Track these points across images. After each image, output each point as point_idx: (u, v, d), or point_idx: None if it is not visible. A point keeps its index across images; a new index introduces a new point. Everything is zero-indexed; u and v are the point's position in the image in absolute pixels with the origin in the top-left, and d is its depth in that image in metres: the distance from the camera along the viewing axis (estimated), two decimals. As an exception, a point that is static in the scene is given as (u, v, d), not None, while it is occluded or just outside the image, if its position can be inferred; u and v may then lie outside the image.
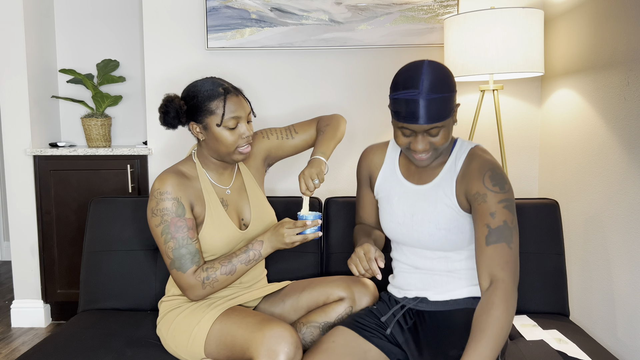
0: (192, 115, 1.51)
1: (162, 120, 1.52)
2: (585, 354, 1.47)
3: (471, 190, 1.32)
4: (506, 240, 1.25)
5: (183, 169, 1.56)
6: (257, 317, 1.41)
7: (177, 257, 1.46)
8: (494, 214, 1.27)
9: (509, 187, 1.31)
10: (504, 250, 1.24)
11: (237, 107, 1.49)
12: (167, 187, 1.47)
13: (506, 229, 1.26)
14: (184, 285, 1.47)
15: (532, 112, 2.56)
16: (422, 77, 1.26)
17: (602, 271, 1.97)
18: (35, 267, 2.73)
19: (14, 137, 2.69)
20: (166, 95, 1.52)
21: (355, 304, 1.55)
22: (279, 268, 1.82)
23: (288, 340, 1.32)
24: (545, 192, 2.48)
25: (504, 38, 2.05)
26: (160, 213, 1.47)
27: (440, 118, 1.26)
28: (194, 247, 1.47)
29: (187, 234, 1.46)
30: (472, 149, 1.38)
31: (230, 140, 1.49)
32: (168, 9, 2.60)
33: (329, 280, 1.60)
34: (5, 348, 2.50)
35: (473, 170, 1.33)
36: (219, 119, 1.48)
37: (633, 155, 1.78)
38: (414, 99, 1.25)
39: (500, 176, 1.31)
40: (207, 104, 1.48)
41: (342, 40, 2.53)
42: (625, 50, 1.81)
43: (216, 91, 1.49)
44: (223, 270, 1.47)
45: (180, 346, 1.47)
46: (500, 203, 1.28)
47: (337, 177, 2.65)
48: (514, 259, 1.25)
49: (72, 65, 2.95)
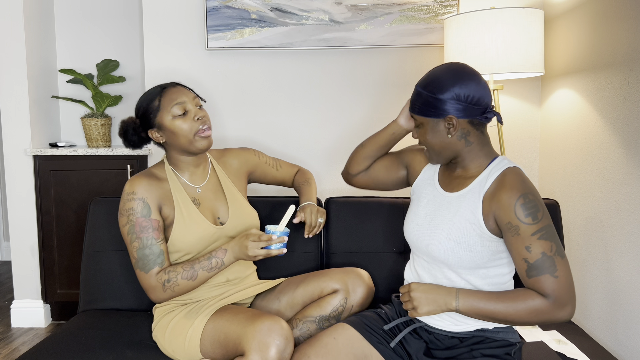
0: (145, 124, 1.56)
1: (125, 142, 1.59)
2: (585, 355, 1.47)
3: (503, 220, 1.27)
4: (549, 271, 1.22)
5: (154, 171, 1.59)
6: (248, 313, 1.42)
7: (140, 257, 1.47)
8: (530, 247, 1.24)
9: (542, 214, 1.25)
10: (548, 281, 1.23)
11: (177, 95, 1.54)
12: (134, 187, 1.51)
13: (546, 261, 1.23)
14: (145, 286, 1.49)
15: (532, 112, 2.56)
16: (429, 72, 1.37)
17: (602, 271, 1.97)
18: (35, 267, 2.74)
19: (14, 137, 2.69)
20: (121, 121, 1.60)
21: (349, 295, 1.54)
22: (278, 267, 1.82)
23: (278, 332, 1.32)
24: (545, 192, 2.48)
25: (504, 38, 2.05)
26: (127, 213, 1.49)
27: (421, 112, 1.34)
28: (158, 248, 1.48)
29: (151, 235, 1.48)
30: (508, 168, 1.33)
31: (185, 127, 1.52)
32: (168, 9, 2.60)
33: (322, 274, 1.60)
34: (5, 348, 2.50)
35: (503, 194, 1.27)
36: (164, 111, 1.52)
37: (633, 155, 1.78)
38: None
39: (532, 204, 1.25)
40: (150, 105, 1.54)
41: (342, 40, 2.53)
42: (625, 50, 1.81)
43: (154, 91, 1.56)
44: (184, 275, 1.48)
45: (177, 349, 1.47)
46: (534, 235, 1.23)
47: (338, 177, 2.65)
48: (559, 286, 1.22)
49: (72, 65, 2.95)
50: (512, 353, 1.35)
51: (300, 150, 2.64)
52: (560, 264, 1.23)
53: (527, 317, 1.24)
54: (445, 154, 1.36)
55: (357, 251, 1.83)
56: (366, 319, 1.44)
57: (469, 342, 1.35)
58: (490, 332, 1.35)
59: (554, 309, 1.22)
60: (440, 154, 1.36)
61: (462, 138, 1.33)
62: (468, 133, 1.33)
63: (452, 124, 1.31)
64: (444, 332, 1.38)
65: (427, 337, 1.40)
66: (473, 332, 1.36)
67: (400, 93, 2.60)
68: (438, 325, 1.38)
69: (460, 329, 1.36)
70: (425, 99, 1.32)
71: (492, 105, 1.34)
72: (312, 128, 2.63)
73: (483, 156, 1.36)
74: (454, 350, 1.36)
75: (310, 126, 2.63)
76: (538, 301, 1.23)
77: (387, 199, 1.88)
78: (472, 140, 1.34)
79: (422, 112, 1.33)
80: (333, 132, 2.63)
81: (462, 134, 1.32)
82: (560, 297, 1.22)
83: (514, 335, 1.38)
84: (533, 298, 1.23)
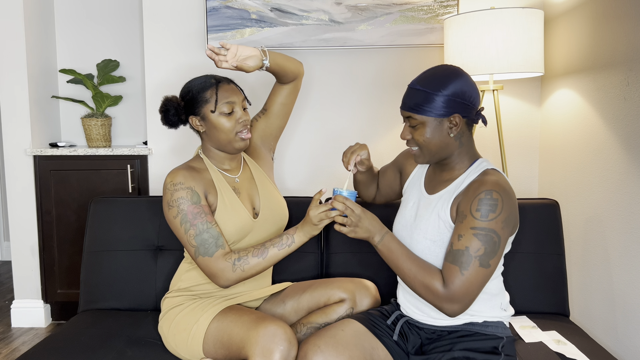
0: (190, 109, 1.57)
1: (164, 120, 1.59)
2: (585, 355, 1.47)
3: (460, 207, 1.31)
4: (460, 265, 1.25)
5: (192, 164, 1.60)
6: (253, 316, 1.42)
7: (200, 243, 1.46)
8: (461, 236, 1.26)
9: (496, 217, 1.25)
10: (454, 273, 1.26)
11: (230, 94, 1.55)
12: (179, 178, 1.51)
13: (464, 256, 1.25)
14: (213, 271, 1.45)
15: (532, 112, 2.56)
16: (424, 72, 1.36)
17: (602, 271, 1.97)
18: (35, 267, 2.74)
19: (14, 137, 2.69)
20: (164, 97, 1.59)
21: (356, 305, 1.55)
22: (280, 268, 1.82)
23: (282, 337, 1.32)
24: (545, 192, 2.48)
25: (504, 38, 2.05)
26: (176, 203, 1.48)
27: (416, 110, 1.32)
28: (215, 231, 1.48)
29: (206, 219, 1.48)
30: (487, 169, 1.35)
31: (228, 126, 1.54)
32: (168, 9, 2.60)
33: (330, 282, 1.60)
34: (5, 348, 2.50)
35: (472, 188, 1.30)
36: (213, 106, 1.53)
37: (633, 155, 1.78)
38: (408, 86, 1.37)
39: (490, 202, 1.25)
40: (201, 94, 1.55)
41: (342, 41, 2.53)
42: (625, 50, 1.81)
43: (208, 82, 1.57)
44: (255, 252, 1.46)
45: (180, 344, 1.47)
46: (472, 229, 1.25)
47: (338, 177, 2.65)
48: (459, 284, 1.25)
49: (72, 65, 2.95)
50: (499, 347, 1.35)
51: (299, 150, 2.64)
52: (474, 268, 1.24)
53: (419, 289, 1.30)
54: (439, 154, 1.36)
55: (358, 251, 1.83)
56: (370, 315, 1.48)
57: (456, 335, 1.38)
58: (479, 326, 1.37)
59: (443, 299, 1.27)
60: (436, 154, 1.36)
61: (458, 139, 1.34)
62: (463, 134, 1.35)
63: (456, 123, 1.32)
64: (433, 327, 1.41)
65: (419, 333, 1.44)
66: (462, 325, 1.38)
67: (400, 93, 2.60)
68: (427, 321, 1.41)
69: (448, 323, 1.39)
70: (426, 96, 1.31)
71: (481, 107, 1.37)
72: (311, 128, 2.63)
73: (468, 159, 1.38)
74: (442, 342, 1.38)
75: (310, 126, 2.63)
76: (436, 284, 1.27)
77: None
78: (464, 142, 1.36)
79: (424, 111, 1.31)
80: (333, 132, 2.63)
81: (459, 134, 1.34)
82: (454, 294, 1.25)
83: (504, 331, 1.39)
84: (434, 278, 1.28)
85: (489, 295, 1.38)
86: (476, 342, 1.35)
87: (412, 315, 1.45)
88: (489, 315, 1.38)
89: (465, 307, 1.28)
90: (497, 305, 1.40)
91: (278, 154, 2.65)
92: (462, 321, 1.38)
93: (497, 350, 1.34)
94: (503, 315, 1.41)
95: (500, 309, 1.40)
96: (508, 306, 1.44)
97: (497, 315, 1.39)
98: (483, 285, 1.27)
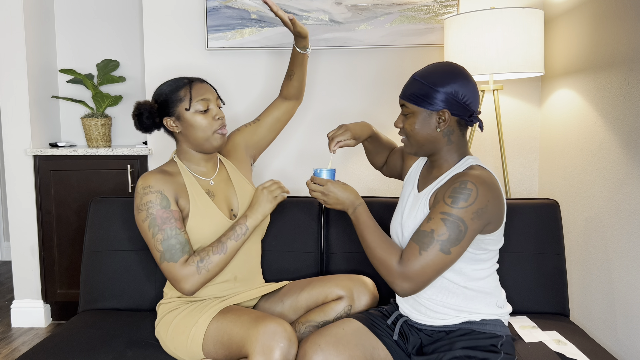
0: (163, 110, 1.56)
1: (138, 124, 1.57)
2: (585, 355, 1.47)
3: (437, 196, 1.34)
4: (420, 245, 1.28)
5: (165, 168, 1.59)
6: (252, 315, 1.42)
7: (166, 249, 1.45)
8: (430, 219, 1.29)
9: (466, 205, 1.26)
10: (412, 251, 1.29)
11: (204, 91, 1.55)
12: (149, 181, 1.50)
13: (427, 237, 1.28)
14: (177, 277, 1.45)
15: (532, 112, 2.56)
16: (430, 65, 1.40)
17: (602, 271, 1.97)
18: (35, 267, 2.74)
19: (14, 137, 2.69)
20: (136, 102, 1.58)
21: (354, 302, 1.55)
22: (279, 268, 1.82)
23: (282, 335, 1.32)
24: (545, 192, 2.48)
25: (504, 38, 2.05)
26: (145, 207, 1.48)
27: (411, 99, 1.37)
28: (183, 238, 1.47)
29: (175, 225, 1.47)
30: (473, 165, 1.37)
31: (205, 124, 1.54)
32: (168, 9, 2.60)
33: (327, 279, 1.60)
34: (5, 348, 2.50)
35: (452, 179, 1.33)
36: (187, 104, 1.53)
37: (633, 155, 1.78)
38: None
39: (464, 191, 1.27)
40: (174, 94, 1.54)
41: (342, 40, 2.53)
42: (625, 50, 1.81)
43: (181, 82, 1.57)
44: (214, 250, 1.47)
45: (180, 347, 1.47)
46: (441, 214, 1.28)
47: (338, 178, 2.65)
48: (415, 262, 1.28)
49: (72, 65, 2.95)
50: (498, 345, 1.35)
51: (299, 150, 2.64)
52: (433, 251, 1.27)
53: (376, 262, 1.35)
54: (426, 147, 1.39)
55: (357, 251, 1.83)
56: (371, 315, 1.48)
57: (455, 335, 1.38)
58: (477, 324, 1.38)
59: (396, 275, 1.30)
60: (423, 146, 1.39)
61: (446, 135, 1.37)
62: (452, 132, 1.37)
63: (444, 119, 1.34)
64: (431, 327, 1.41)
65: (418, 334, 1.44)
66: (460, 324, 1.38)
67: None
68: (425, 322, 1.42)
69: (446, 322, 1.39)
70: (422, 88, 1.35)
71: (479, 111, 1.39)
72: (311, 128, 2.63)
73: (457, 157, 1.40)
74: (441, 342, 1.39)
75: (310, 126, 2.63)
76: (392, 259, 1.32)
77: (388, 199, 1.88)
78: (454, 140, 1.38)
79: (417, 102, 1.36)
80: (333, 132, 2.63)
81: (448, 131, 1.37)
82: (407, 271, 1.29)
83: (502, 329, 1.39)
84: (392, 254, 1.33)
85: (482, 294, 1.39)
86: (475, 341, 1.35)
87: (410, 315, 1.45)
88: (486, 313, 1.39)
89: (417, 289, 1.30)
90: (492, 302, 1.40)
91: (277, 154, 2.65)
92: (460, 320, 1.38)
93: (495, 349, 1.34)
94: (500, 313, 1.41)
95: (497, 307, 1.41)
96: (505, 303, 1.44)
97: (494, 313, 1.40)
98: (440, 271, 1.29)
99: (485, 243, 1.35)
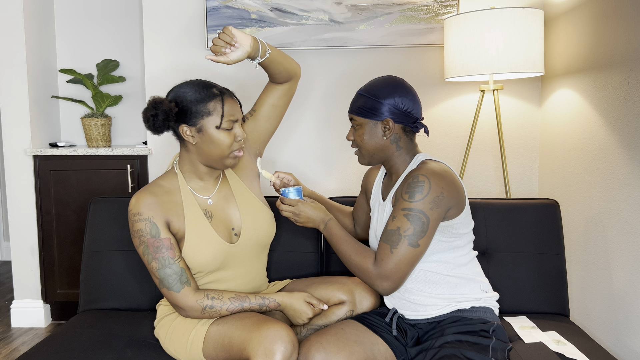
0: (183, 117, 1.43)
1: (150, 125, 1.41)
2: (585, 355, 1.47)
3: (396, 196, 1.41)
4: (390, 244, 1.35)
5: (163, 183, 1.51)
6: (254, 318, 1.41)
7: (163, 277, 1.43)
8: (395, 217, 1.36)
9: (422, 197, 1.33)
10: (384, 251, 1.36)
11: (235, 110, 1.46)
12: (139, 207, 1.44)
13: (394, 235, 1.35)
14: (179, 304, 1.44)
15: (532, 112, 2.56)
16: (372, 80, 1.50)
17: (602, 271, 1.97)
18: (35, 267, 2.74)
19: (14, 137, 2.69)
20: (152, 98, 1.42)
21: (356, 307, 1.55)
22: (279, 268, 1.82)
23: (284, 339, 1.31)
24: (545, 192, 2.48)
25: (504, 38, 2.05)
26: (137, 234, 1.45)
27: (358, 112, 1.46)
28: (177, 267, 1.44)
29: (167, 255, 1.43)
30: (424, 160, 1.45)
31: (227, 143, 1.44)
32: (168, 9, 2.60)
33: (330, 282, 1.60)
34: (5, 348, 2.50)
35: (406, 177, 1.40)
36: (217, 121, 1.43)
37: (633, 155, 1.78)
38: None
39: (418, 185, 1.34)
40: (202, 105, 1.42)
41: (342, 40, 2.53)
42: (625, 50, 1.81)
43: (211, 92, 1.44)
44: (230, 307, 1.45)
45: (179, 349, 1.47)
46: (402, 210, 1.35)
47: (337, 178, 2.65)
48: (388, 260, 1.35)
49: (72, 65, 2.95)
50: (489, 330, 1.40)
51: (300, 150, 2.64)
52: (403, 247, 1.34)
53: (355, 269, 1.42)
54: (377, 155, 1.48)
55: (357, 251, 1.83)
56: (367, 315, 1.52)
57: (446, 322, 1.43)
58: (467, 311, 1.43)
59: (374, 276, 1.37)
60: (373, 155, 1.48)
61: (394, 142, 1.46)
62: (399, 138, 1.46)
63: (389, 127, 1.44)
64: (423, 320, 1.46)
65: (415, 330, 1.48)
66: (449, 313, 1.43)
67: (400, 93, 2.60)
68: (416, 317, 1.47)
69: (436, 313, 1.44)
70: (367, 101, 1.45)
71: (422, 117, 1.48)
72: (312, 128, 2.63)
73: (408, 159, 1.49)
74: (433, 331, 1.43)
75: (310, 126, 2.63)
76: (368, 263, 1.38)
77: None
78: (402, 146, 1.47)
79: (363, 114, 1.45)
80: (333, 132, 2.63)
81: (395, 138, 1.46)
82: (383, 271, 1.35)
83: (492, 316, 1.45)
84: (366, 258, 1.39)
85: (465, 280, 1.45)
86: (465, 326, 1.40)
87: (403, 313, 1.49)
88: (473, 298, 1.44)
89: (397, 285, 1.37)
90: (477, 287, 1.46)
91: (276, 154, 2.65)
92: (450, 309, 1.43)
93: (487, 334, 1.39)
94: (486, 297, 1.46)
95: (482, 291, 1.46)
96: (489, 288, 1.50)
97: (481, 297, 1.45)
98: (413, 264, 1.36)
99: (455, 228, 1.41)
